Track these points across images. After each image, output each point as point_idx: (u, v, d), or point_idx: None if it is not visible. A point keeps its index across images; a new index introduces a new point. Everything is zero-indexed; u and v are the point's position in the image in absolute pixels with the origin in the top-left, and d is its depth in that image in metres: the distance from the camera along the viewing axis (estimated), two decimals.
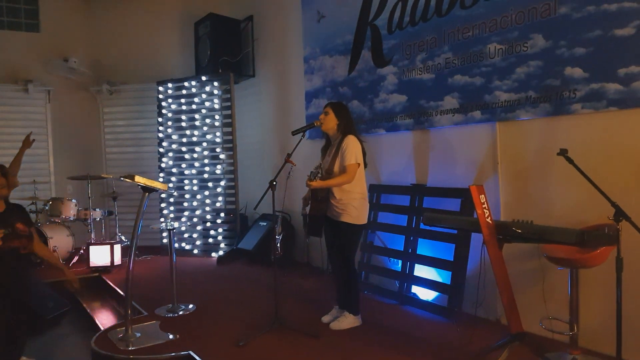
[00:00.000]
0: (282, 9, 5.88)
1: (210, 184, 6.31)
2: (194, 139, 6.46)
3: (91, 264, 5.45)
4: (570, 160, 2.52)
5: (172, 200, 6.57)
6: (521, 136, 3.36)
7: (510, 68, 3.33)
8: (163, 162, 6.64)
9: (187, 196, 6.50)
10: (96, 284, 5.21)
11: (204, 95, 6.39)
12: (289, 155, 3.45)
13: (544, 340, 3.03)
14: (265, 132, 6.39)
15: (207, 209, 6.33)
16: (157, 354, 3.11)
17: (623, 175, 2.80)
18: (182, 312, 3.91)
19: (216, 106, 6.30)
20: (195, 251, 6.33)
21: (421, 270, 3.97)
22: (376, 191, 4.48)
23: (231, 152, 6.19)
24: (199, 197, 6.41)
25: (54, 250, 5.50)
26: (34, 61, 6.83)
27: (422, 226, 3.75)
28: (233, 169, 6.19)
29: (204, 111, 6.38)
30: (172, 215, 6.52)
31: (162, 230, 6.46)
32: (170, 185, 6.48)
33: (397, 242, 4.18)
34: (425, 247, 3.99)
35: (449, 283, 3.68)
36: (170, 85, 6.60)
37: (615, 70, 2.78)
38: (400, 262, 4.13)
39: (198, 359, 2.98)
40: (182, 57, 7.04)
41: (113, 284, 4.94)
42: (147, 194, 3.35)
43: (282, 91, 6.03)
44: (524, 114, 3.27)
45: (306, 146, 4.38)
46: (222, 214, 6.23)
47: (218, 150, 6.28)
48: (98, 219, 6.14)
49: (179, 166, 6.54)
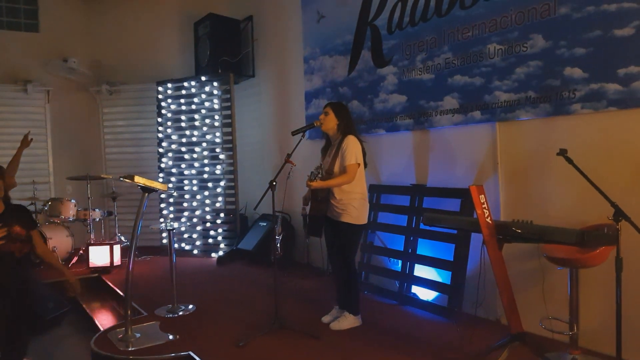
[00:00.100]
0: (282, 9, 5.88)
1: (210, 184, 6.31)
2: (194, 139, 6.46)
3: (91, 265, 5.45)
4: (569, 161, 2.52)
5: (171, 200, 6.57)
6: (521, 136, 3.37)
7: (510, 68, 3.33)
8: (163, 162, 6.64)
9: (186, 196, 6.50)
10: (96, 285, 5.21)
11: (203, 96, 6.39)
12: (288, 155, 3.45)
13: (544, 340, 3.04)
14: (265, 133, 6.39)
15: (207, 209, 6.33)
16: (157, 354, 3.11)
17: (623, 175, 2.81)
18: (182, 313, 3.91)
19: (216, 106, 6.31)
20: (195, 251, 6.33)
21: (421, 271, 3.97)
22: (376, 191, 4.48)
23: (231, 153, 6.19)
24: (198, 197, 6.41)
25: (53, 251, 5.50)
26: (33, 61, 6.82)
27: (422, 226, 3.75)
28: (233, 169, 6.19)
29: (203, 111, 6.38)
30: (171, 216, 6.52)
31: (162, 231, 6.46)
32: (170, 185, 6.48)
33: (397, 242, 4.19)
34: (425, 247, 3.99)
35: (449, 283, 3.68)
36: (169, 85, 6.60)
37: (614, 70, 2.78)
38: (400, 262, 4.13)
39: (198, 359, 2.98)
40: (181, 58, 7.04)
41: (113, 284, 4.94)
42: (146, 194, 3.35)
43: (282, 91, 6.03)
44: (523, 114, 3.27)
45: (306, 146, 4.38)
46: (222, 215, 6.23)
47: (218, 150, 6.28)
48: (97, 220, 6.14)
49: (179, 166, 6.54)
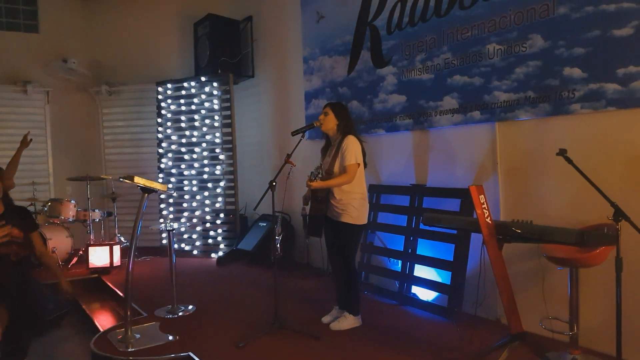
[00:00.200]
0: (282, 9, 5.88)
1: (209, 185, 6.31)
2: (194, 139, 6.46)
3: (90, 265, 5.44)
4: (569, 160, 2.53)
5: (171, 201, 6.57)
6: (520, 136, 3.37)
7: (509, 68, 3.33)
8: (162, 162, 6.63)
9: (186, 197, 6.50)
10: (95, 285, 5.21)
11: (203, 96, 6.39)
12: (288, 155, 3.45)
13: (544, 340, 3.04)
14: (264, 133, 6.39)
15: (207, 209, 6.33)
16: (157, 355, 3.10)
17: (622, 175, 2.81)
18: (181, 313, 3.91)
19: (215, 107, 6.31)
20: (195, 252, 6.33)
21: (421, 271, 3.97)
22: (376, 191, 4.48)
23: (231, 153, 6.19)
24: (198, 197, 6.41)
25: (53, 252, 5.50)
26: (33, 62, 6.82)
27: (422, 226, 3.75)
28: (232, 169, 6.19)
29: (203, 112, 6.38)
30: (171, 216, 6.52)
31: (162, 231, 6.46)
32: (170, 186, 6.48)
33: (397, 243, 4.19)
34: (425, 247, 3.99)
35: (449, 283, 3.68)
36: (169, 86, 6.60)
37: (614, 70, 2.78)
38: (400, 262, 4.13)
39: None
40: (181, 58, 7.04)
41: (112, 285, 4.94)
42: (146, 194, 3.35)
43: (282, 92, 6.03)
44: (523, 114, 3.27)
45: (306, 147, 4.38)
46: (222, 215, 6.23)
47: (217, 150, 6.28)
48: (97, 220, 6.14)
49: (179, 167, 6.54)
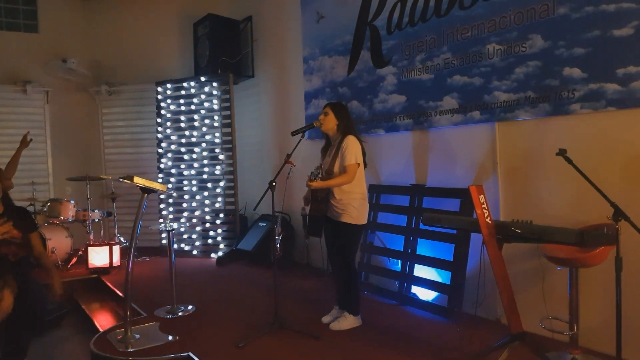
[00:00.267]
0: (281, 9, 5.88)
1: (209, 185, 6.31)
2: (193, 139, 6.45)
3: (90, 266, 5.44)
4: (569, 160, 2.53)
5: (171, 201, 6.56)
6: (520, 136, 3.37)
7: (509, 68, 3.33)
8: (162, 162, 6.63)
9: (186, 197, 6.50)
10: (95, 286, 5.21)
11: (203, 96, 6.39)
12: (288, 155, 3.45)
13: (544, 340, 3.04)
14: (264, 133, 6.39)
15: (207, 209, 6.33)
16: (157, 355, 3.10)
17: (622, 175, 2.81)
18: (181, 313, 3.91)
19: (215, 107, 6.31)
20: (195, 252, 6.33)
21: (421, 271, 3.97)
22: (376, 191, 4.48)
23: (230, 153, 6.18)
24: (198, 197, 6.41)
25: (52, 252, 5.50)
26: (32, 62, 6.82)
27: (422, 226, 3.75)
28: (232, 169, 6.19)
29: (203, 112, 6.38)
30: (171, 216, 6.51)
31: (162, 231, 6.46)
32: (170, 186, 6.48)
33: (397, 242, 4.19)
34: (424, 247, 3.99)
35: (449, 283, 3.68)
36: (169, 85, 6.60)
37: (613, 70, 2.78)
38: (400, 262, 4.13)
39: None
40: (181, 58, 7.03)
41: (112, 285, 4.93)
42: (146, 195, 3.35)
43: (282, 92, 6.03)
44: (523, 114, 3.27)
45: (306, 147, 4.39)
46: (222, 215, 6.23)
47: (217, 150, 6.28)
48: (97, 220, 6.13)
49: (178, 167, 6.54)
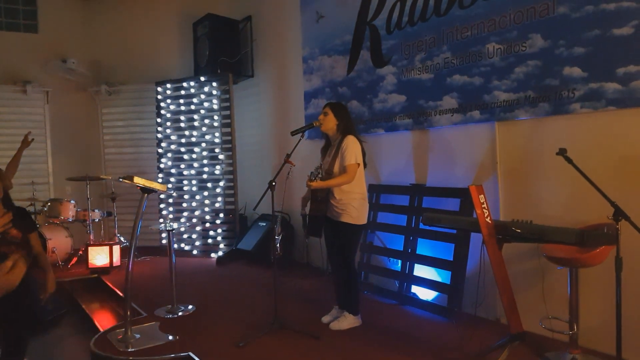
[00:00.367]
0: (281, 9, 5.88)
1: (209, 185, 6.31)
2: (193, 139, 6.45)
3: (90, 265, 5.44)
4: (569, 160, 2.52)
5: (171, 201, 6.56)
6: (520, 136, 3.36)
7: (509, 68, 3.33)
8: (162, 162, 6.63)
9: (186, 197, 6.50)
10: (95, 285, 5.21)
11: (202, 96, 6.39)
12: (288, 155, 3.45)
13: (543, 340, 3.04)
14: (264, 133, 6.39)
15: (207, 209, 6.33)
16: (157, 355, 3.10)
17: (622, 175, 2.81)
18: (181, 313, 3.91)
19: (215, 107, 6.30)
20: (195, 252, 6.33)
21: (421, 270, 3.97)
22: (376, 191, 4.48)
23: (230, 153, 6.18)
24: (198, 197, 6.41)
25: (52, 252, 5.50)
26: (32, 62, 6.82)
27: (422, 226, 3.75)
28: (232, 169, 6.19)
29: (202, 112, 6.38)
30: (171, 216, 6.51)
31: (162, 231, 6.46)
32: (169, 186, 6.48)
33: (397, 242, 4.18)
34: (424, 247, 3.99)
35: (449, 283, 3.68)
36: (169, 85, 6.60)
37: (614, 69, 2.78)
38: (400, 262, 4.13)
39: None
40: (180, 58, 7.03)
41: (112, 285, 4.93)
42: (146, 194, 3.35)
43: (281, 91, 6.02)
44: (523, 114, 3.27)
45: (305, 146, 4.38)
46: (222, 215, 6.23)
47: (217, 150, 6.28)
48: (97, 220, 6.13)
49: (178, 167, 6.54)
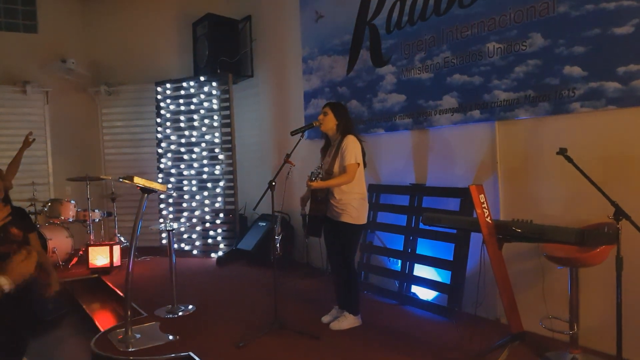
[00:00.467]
0: (281, 9, 5.87)
1: (209, 185, 6.31)
2: (193, 139, 6.45)
3: (90, 265, 5.44)
4: (569, 159, 2.52)
5: (171, 201, 6.56)
6: (520, 135, 3.36)
7: (509, 67, 3.33)
8: (162, 162, 6.63)
9: (186, 197, 6.50)
10: (95, 285, 5.20)
11: (202, 96, 6.38)
12: (288, 155, 3.45)
13: (544, 340, 3.03)
14: (264, 133, 6.38)
15: (206, 209, 6.33)
16: (157, 355, 3.10)
17: (622, 174, 2.80)
18: (181, 313, 3.91)
19: (215, 107, 6.30)
20: (195, 252, 6.33)
21: (421, 270, 3.97)
22: (375, 191, 4.47)
23: (230, 153, 6.18)
24: (198, 197, 6.41)
25: (53, 252, 5.50)
26: (32, 62, 6.81)
27: (422, 226, 3.75)
28: (232, 169, 6.18)
29: (202, 112, 6.38)
30: (171, 216, 6.51)
31: (162, 231, 6.46)
32: (169, 186, 6.48)
33: (397, 242, 4.18)
34: (424, 246, 3.99)
35: (449, 283, 3.67)
36: (168, 85, 6.60)
37: (614, 68, 2.78)
38: (400, 262, 4.12)
39: (198, 359, 2.99)
40: (180, 58, 7.02)
41: (112, 285, 4.93)
42: (146, 195, 3.35)
43: (281, 91, 6.02)
44: (523, 113, 3.27)
45: (305, 146, 4.38)
46: (222, 215, 6.22)
47: (217, 150, 6.28)
48: (97, 220, 6.13)
49: (178, 167, 6.54)
